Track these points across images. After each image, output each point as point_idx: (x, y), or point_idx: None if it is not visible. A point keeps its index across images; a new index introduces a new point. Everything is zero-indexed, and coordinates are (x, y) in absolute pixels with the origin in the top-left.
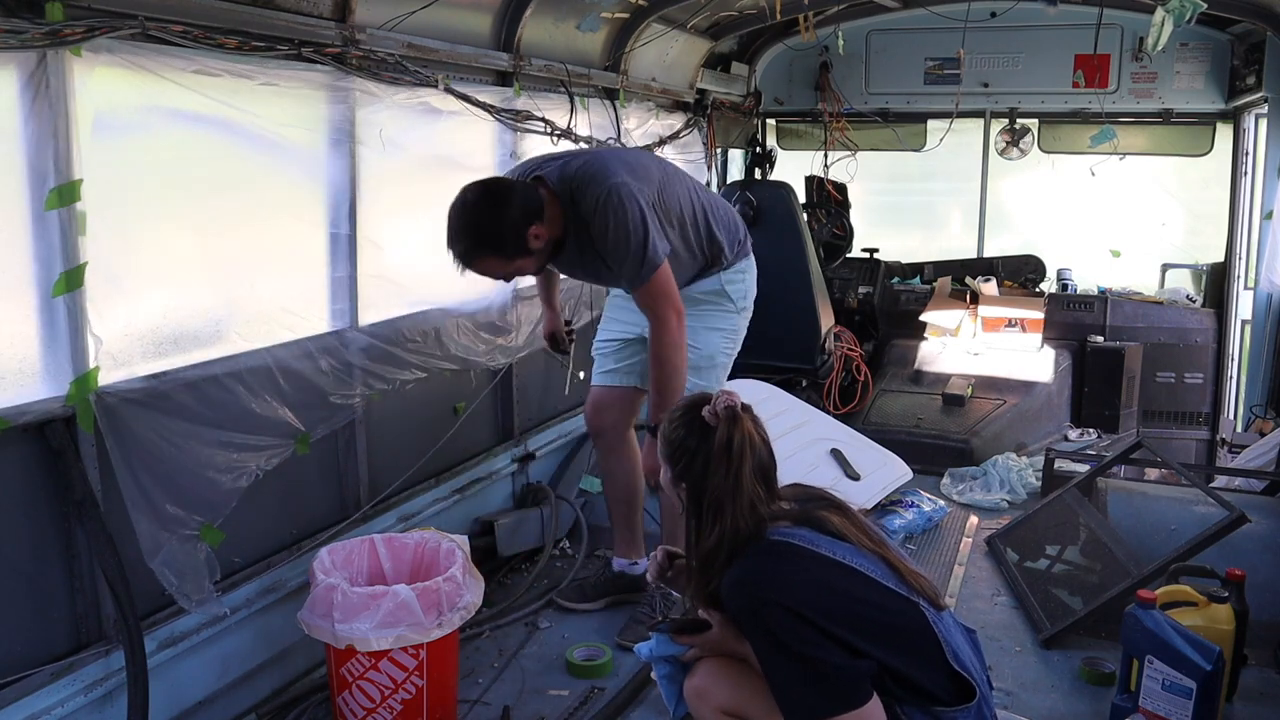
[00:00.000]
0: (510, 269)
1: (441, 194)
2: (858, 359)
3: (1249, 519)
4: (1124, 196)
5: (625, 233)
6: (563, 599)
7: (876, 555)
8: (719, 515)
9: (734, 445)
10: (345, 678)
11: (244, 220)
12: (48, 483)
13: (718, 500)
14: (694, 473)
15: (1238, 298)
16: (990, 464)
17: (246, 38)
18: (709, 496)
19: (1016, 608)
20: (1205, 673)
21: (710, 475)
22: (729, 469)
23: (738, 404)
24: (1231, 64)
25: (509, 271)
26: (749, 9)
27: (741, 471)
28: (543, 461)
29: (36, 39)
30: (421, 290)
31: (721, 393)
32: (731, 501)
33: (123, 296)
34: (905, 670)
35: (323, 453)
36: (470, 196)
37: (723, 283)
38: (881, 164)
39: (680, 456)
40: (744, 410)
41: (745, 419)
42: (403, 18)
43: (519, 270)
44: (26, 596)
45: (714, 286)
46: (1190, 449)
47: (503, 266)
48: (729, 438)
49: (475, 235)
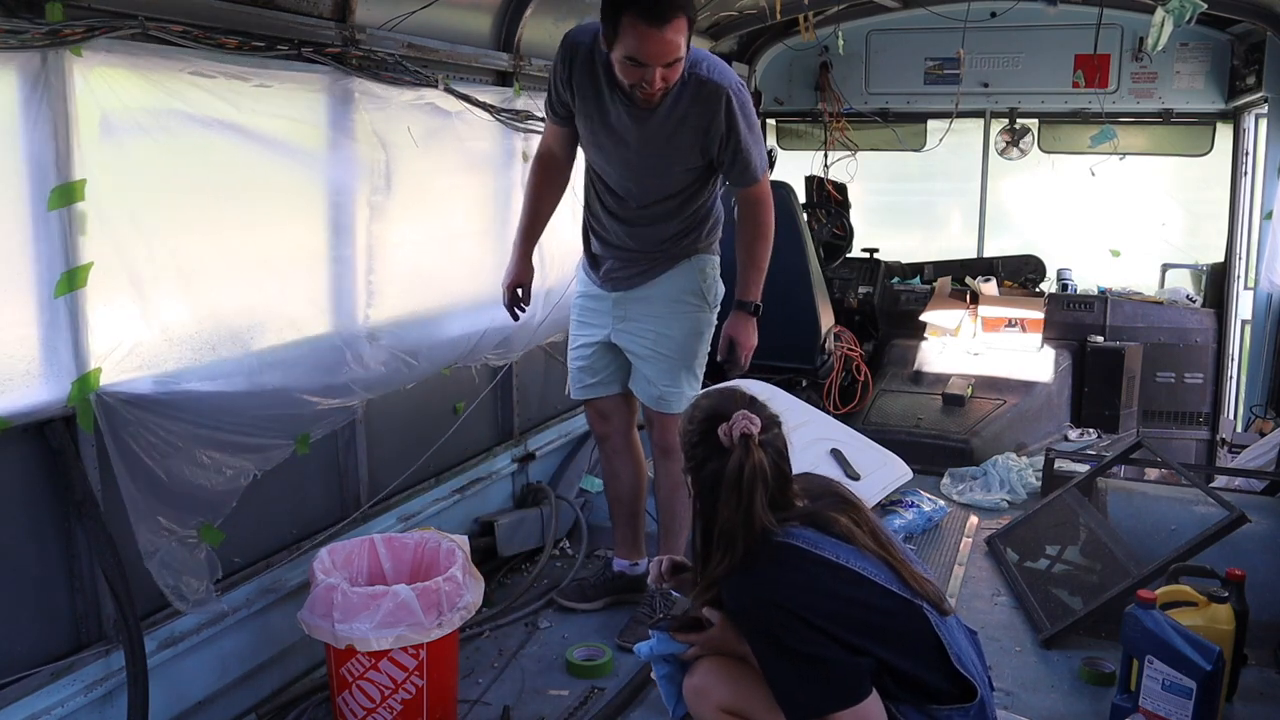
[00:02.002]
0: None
1: (442, 194)
2: (858, 359)
3: (1249, 519)
4: (1124, 196)
5: (757, 125)
6: (563, 598)
7: (879, 558)
8: (730, 547)
9: (744, 476)
10: (345, 678)
11: (245, 220)
12: (48, 483)
13: (729, 532)
14: (704, 484)
15: (1238, 298)
16: (990, 464)
17: (246, 38)
18: (720, 526)
19: (1016, 608)
20: (1205, 673)
21: (721, 504)
22: (739, 501)
23: (754, 430)
24: (1231, 64)
25: (677, 58)
26: (749, 9)
27: (753, 505)
28: (543, 461)
29: (36, 39)
30: (423, 290)
31: (741, 415)
32: (744, 532)
33: (124, 296)
34: (906, 669)
35: (323, 453)
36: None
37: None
38: (881, 164)
39: (692, 457)
40: (763, 430)
41: (756, 448)
42: (403, 18)
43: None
44: (26, 596)
45: (694, 287)
46: (1190, 449)
47: (682, 46)
48: (740, 467)
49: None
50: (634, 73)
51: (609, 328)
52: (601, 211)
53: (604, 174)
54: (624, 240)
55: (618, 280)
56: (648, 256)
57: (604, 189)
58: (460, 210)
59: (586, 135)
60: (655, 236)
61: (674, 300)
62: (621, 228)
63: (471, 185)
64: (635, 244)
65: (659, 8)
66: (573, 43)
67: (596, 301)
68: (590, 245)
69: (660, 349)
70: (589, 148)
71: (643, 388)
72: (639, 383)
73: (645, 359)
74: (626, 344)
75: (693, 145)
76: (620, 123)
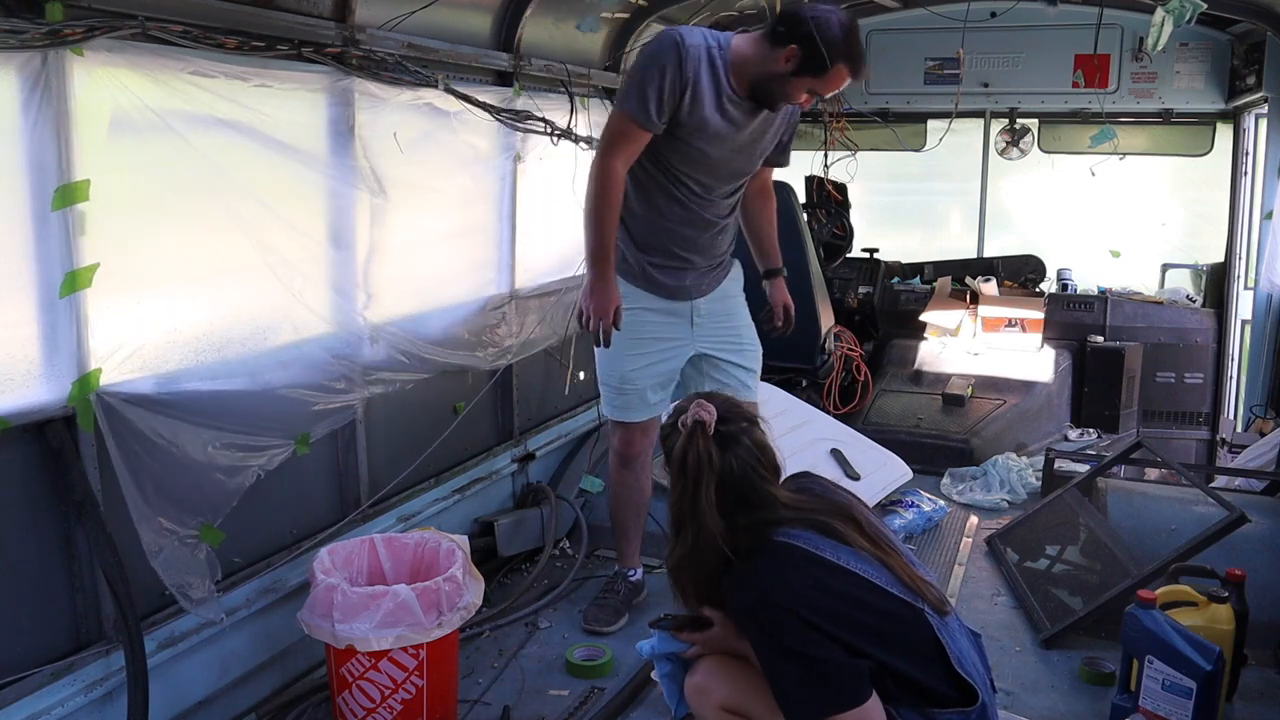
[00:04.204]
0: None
1: (441, 194)
2: (858, 359)
3: (1249, 519)
4: (1124, 196)
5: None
6: (595, 625)
7: (879, 560)
8: (680, 531)
9: (688, 462)
10: (345, 678)
11: (245, 220)
12: (48, 483)
13: (677, 516)
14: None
15: (1238, 298)
16: (990, 464)
17: (246, 38)
18: (672, 510)
19: (1016, 608)
20: (1205, 673)
21: (670, 487)
22: (685, 488)
23: (707, 420)
24: (1231, 64)
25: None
26: (749, 9)
27: (699, 494)
28: (543, 461)
29: (37, 39)
30: (424, 291)
31: (697, 404)
32: (691, 520)
33: (125, 297)
34: (906, 672)
35: (323, 453)
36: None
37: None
38: (881, 164)
39: (664, 445)
40: (725, 423)
41: (704, 437)
42: (403, 18)
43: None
44: (26, 596)
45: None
46: (1190, 449)
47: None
48: (684, 452)
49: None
50: (807, 96)
51: (689, 339)
52: (676, 220)
53: (691, 174)
54: (698, 242)
55: (694, 287)
56: (719, 254)
57: (686, 193)
58: (460, 210)
59: (686, 137)
60: (725, 231)
61: (738, 293)
62: (696, 231)
63: (471, 185)
64: (713, 245)
65: (862, 65)
66: (690, 46)
67: (667, 316)
68: (651, 259)
69: (745, 342)
70: (684, 150)
71: (731, 385)
72: (720, 383)
73: (731, 353)
74: (710, 349)
75: (776, 131)
76: (732, 118)
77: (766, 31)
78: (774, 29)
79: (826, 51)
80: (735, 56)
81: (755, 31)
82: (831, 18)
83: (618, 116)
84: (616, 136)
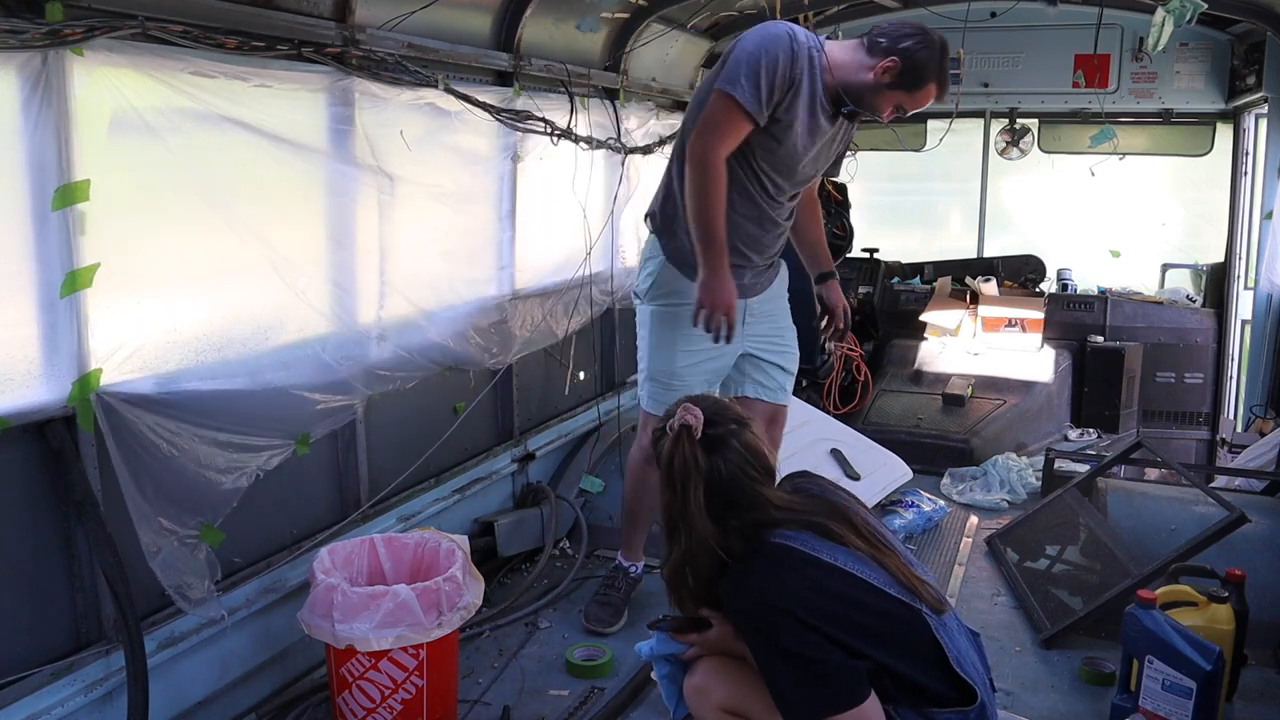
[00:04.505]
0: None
1: (441, 194)
2: (858, 359)
3: (1249, 519)
4: (1124, 196)
5: None
6: (596, 625)
7: (877, 561)
8: (673, 535)
9: (674, 467)
10: (345, 678)
11: (245, 220)
12: (48, 483)
13: (670, 520)
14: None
15: (1238, 298)
16: (990, 464)
17: (246, 38)
18: (665, 514)
19: (1016, 608)
20: (1205, 673)
21: (660, 492)
22: (674, 492)
23: (694, 424)
24: (1231, 64)
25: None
26: (749, 9)
27: (688, 498)
28: (543, 461)
29: (37, 39)
30: (426, 289)
31: (684, 409)
32: (682, 524)
33: (125, 297)
34: (904, 672)
35: (323, 453)
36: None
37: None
38: (881, 164)
39: (655, 450)
40: (714, 426)
41: (689, 442)
42: (403, 18)
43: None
44: (26, 596)
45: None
46: (1190, 449)
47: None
48: (670, 457)
49: None
50: (892, 110)
51: (739, 338)
52: (746, 216)
53: (771, 173)
54: (761, 241)
55: (750, 286)
56: (773, 255)
57: (761, 191)
58: (461, 209)
59: (779, 134)
60: (784, 234)
61: (784, 295)
62: (762, 230)
63: (472, 185)
64: (771, 245)
65: (948, 88)
66: (800, 43)
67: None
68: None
69: (788, 345)
70: (772, 148)
71: (770, 387)
72: (760, 385)
73: (775, 354)
74: (756, 349)
75: (843, 141)
76: (820, 123)
77: (864, 42)
78: (873, 39)
79: (924, 69)
80: (830, 62)
81: (850, 40)
82: (932, 35)
83: (724, 101)
84: (724, 122)
